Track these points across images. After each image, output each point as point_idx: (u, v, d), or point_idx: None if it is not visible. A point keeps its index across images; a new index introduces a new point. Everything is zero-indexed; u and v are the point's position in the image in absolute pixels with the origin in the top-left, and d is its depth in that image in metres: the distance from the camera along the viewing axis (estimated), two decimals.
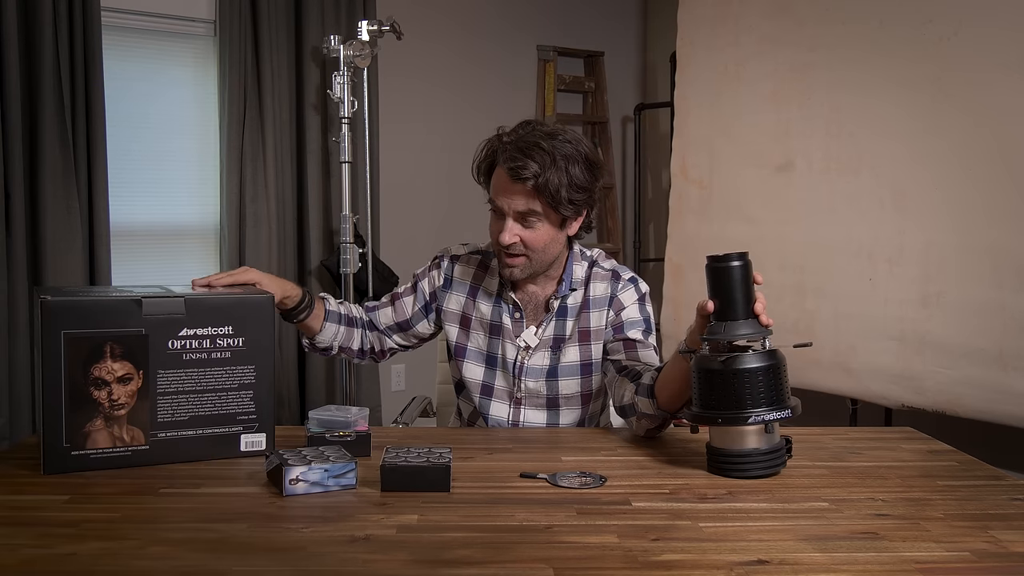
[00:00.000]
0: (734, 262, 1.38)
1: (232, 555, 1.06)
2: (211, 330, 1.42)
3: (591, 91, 4.63)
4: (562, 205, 1.64)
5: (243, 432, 1.45)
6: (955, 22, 2.60)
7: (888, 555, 1.07)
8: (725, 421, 1.36)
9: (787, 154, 3.08)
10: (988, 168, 2.53)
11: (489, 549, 1.08)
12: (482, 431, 1.77)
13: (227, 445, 1.44)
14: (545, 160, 1.61)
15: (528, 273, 1.73)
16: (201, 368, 1.42)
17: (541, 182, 1.61)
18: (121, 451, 1.39)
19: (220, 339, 1.43)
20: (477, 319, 1.82)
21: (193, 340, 1.41)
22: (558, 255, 1.75)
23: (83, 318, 1.35)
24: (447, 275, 1.87)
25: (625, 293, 1.77)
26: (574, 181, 1.64)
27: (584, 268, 1.80)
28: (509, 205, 1.66)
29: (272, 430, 1.47)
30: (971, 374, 2.56)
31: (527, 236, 1.67)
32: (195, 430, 1.43)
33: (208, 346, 1.42)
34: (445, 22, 4.18)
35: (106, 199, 3.11)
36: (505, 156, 1.65)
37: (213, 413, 1.43)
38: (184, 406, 1.42)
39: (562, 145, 1.64)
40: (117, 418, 1.38)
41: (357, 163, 3.65)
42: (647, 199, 4.65)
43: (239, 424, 1.45)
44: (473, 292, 1.84)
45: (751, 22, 3.21)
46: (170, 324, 1.39)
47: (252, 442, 1.46)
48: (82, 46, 3.03)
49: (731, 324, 1.38)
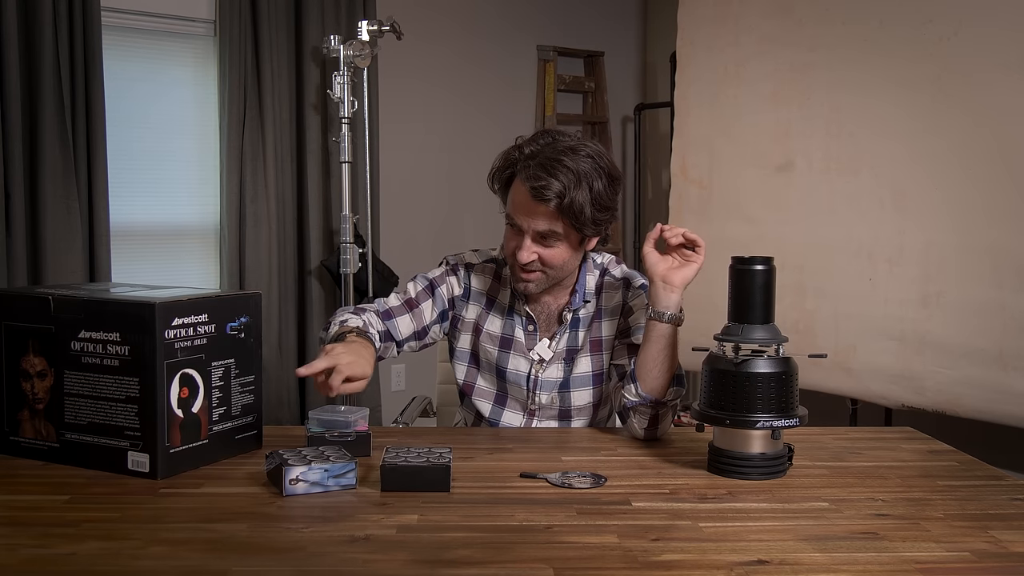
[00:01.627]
0: (758, 266, 1.39)
1: (232, 555, 1.06)
2: (103, 335, 1.35)
3: (591, 91, 4.63)
4: (586, 227, 1.59)
5: (129, 449, 1.34)
6: (955, 22, 2.60)
7: (888, 555, 1.07)
8: (733, 423, 1.36)
9: (787, 154, 3.08)
10: (988, 168, 2.53)
11: (489, 549, 1.08)
12: (482, 431, 1.77)
13: (118, 459, 1.35)
14: (569, 180, 1.54)
15: (543, 288, 1.70)
16: (96, 373, 1.36)
17: (565, 203, 1.55)
18: (40, 445, 1.41)
19: (110, 345, 1.34)
20: (488, 332, 1.77)
21: (89, 343, 1.36)
22: (574, 268, 1.72)
23: (15, 312, 1.42)
24: (465, 284, 1.80)
25: (636, 300, 1.73)
26: (598, 200, 1.57)
27: (596, 277, 1.76)
28: (530, 225, 1.60)
29: (157, 451, 1.32)
30: (971, 374, 2.56)
31: (546, 254, 1.62)
32: (93, 437, 1.37)
33: (101, 351, 1.35)
34: (445, 22, 4.17)
35: (106, 199, 3.11)
36: (527, 174, 1.57)
37: (106, 423, 1.36)
38: (84, 410, 1.38)
39: (585, 160, 1.57)
40: (38, 411, 1.41)
41: (357, 163, 3.66)
42: (647, 199, 4.64)
43: (126, 439, 1.34)
44: (489, 304, 1.79)
45: (751, 22, 3.21)
46: (74, 324, 1.37)
47: (137, 461, 1.34)
48: (82, 46, 3.03)
49: (748, 327, 1.38)
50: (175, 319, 1.34)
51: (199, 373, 1.38)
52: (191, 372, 1.37)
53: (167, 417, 1.33)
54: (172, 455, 1.35)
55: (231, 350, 1.44)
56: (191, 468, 1.38)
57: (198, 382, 1.38)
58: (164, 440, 1.33)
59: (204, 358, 1.39)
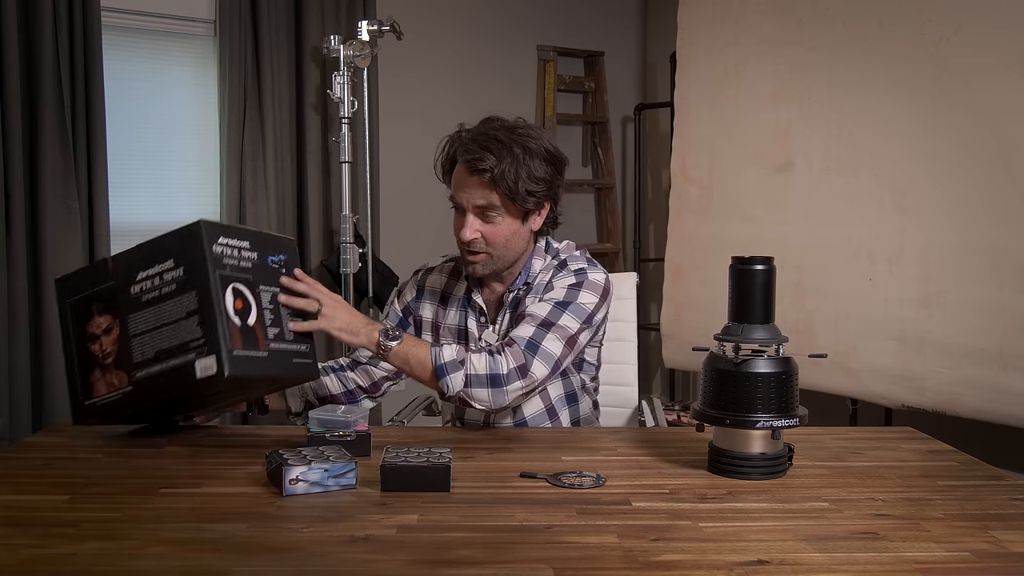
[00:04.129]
0: (758, 266, 1.40)
1: (232, 555, 1.06)
2: (158, 267, 1.46)
3: (591, 91, 4.63)
4: (520, 197, 1.64)
5: (196, 358, 1.42)
6: (955, 22, 2.60)
7: (888, 555, 1.07)
8: (733, 423, 1.36)
9: (787, 154, 3.08)
10: (988, 168, 2.53)
11: (489, 549, 1.08)
12: (482, 431, 1.77)
13: (186, 375, 1.43)
14: (502, 152, 1.61)
15: (491, 269, 1.72)
16: (156, 305, 1.46)
17: (498, 173, 1.61)
18: (115, 395, 1.50)
19: (165, 273, 1.46)
20: (446, 326, 1.82)
21: (147, 282, 1.47)
22: (523, 251, 1.74)
23: (76, 286, 1.55)
24: (419, 286, 1.89)
25: (560, 280, 1.72)
26: (532, 173, 1.63)
27: (544, 261, 1.78)
28: (468, 200, 1.66)
29: (221, 351, 1.40)
30: (971, 374, 2.56)
31: (487, 231, 1.67)
32: (161, 364, 1.45)
33: (158, 283, 1.46)
34: (445, 22, 4.17)
35: (106, 199, 3.10)
36: (463, 149, 1.65)
37: (172, 345, 1.44)
38: (149, 344, 1.46)
39: (521, 139, 1.64)
40: (108, 366, 1.50)
41: (357, 163, 3.65)
42: (647, 199, 4.64)
43: (192, 351, 1.43)
44: (444, 300, 1.85)
45: (751, 22, 3.21)
46: (130, 271, 1.49)
47: (204, 367, 1.42)
48: (82, 46, 3.03)
49: (748, 327, 1.39)
50: (220, 237, 1.45)
51: (249, 291, 1.48)
52: (241, 287, 1.47)
53: (226, 320, 1.42)
54: (236, 356, 1.42)
55: (275, 281, 1.54)
56: (255, 375, 1.45)
57: (250, 299, 1.47)
58: (227, 340, 1.41)
59: (252, 280, 1.49)
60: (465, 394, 1.59)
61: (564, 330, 1.65)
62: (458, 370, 1.58)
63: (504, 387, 1.58)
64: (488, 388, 1.58)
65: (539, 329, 1.63)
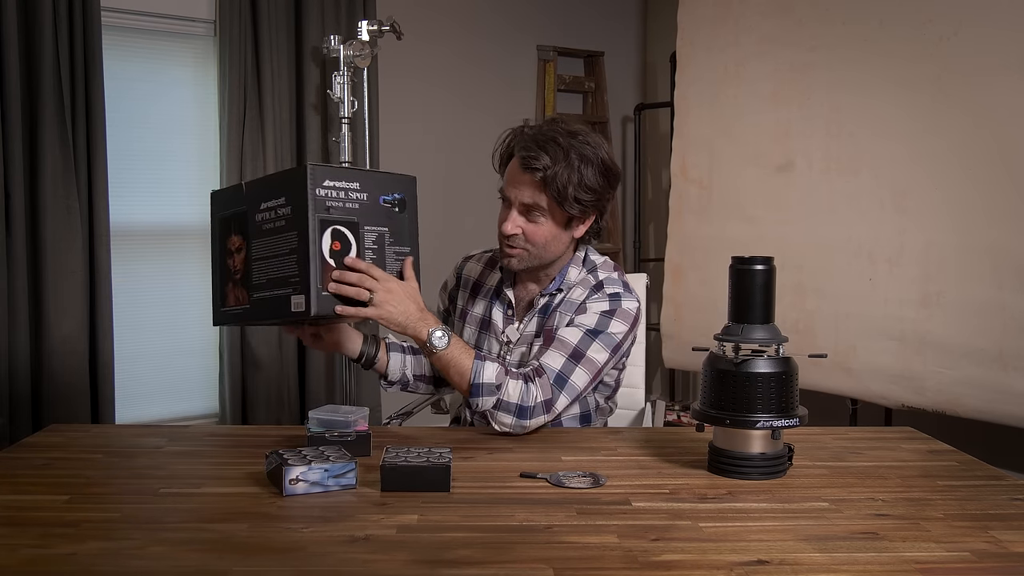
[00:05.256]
0: (758, 266, 1.40)
1: (232, 555, 1.06)
2: (274, 202, 1.54)
3: (591, 91, 4.63)
4: (567, 203, 1.64)
5: (291, 294, 1.51)
6: (955, 22, 2.60)
7: (888, 555, 1.07)
8: (733, 423, 1.36)
9: (787, 154, 3.08)
10: (988, 168, 2.53)
11: (489, 549, 1.08)
12: (482, 431, 1.77)
13: (284, 306, 1.52)
14: (558, 154, 1.62)
15: (526, 266, 1.73)
16: (271, 236, 1.55)
17: (549, 175, 1.62)
18: (239, 309, 1.61)
19: (279, 208, 1.53)
20: (472, 315, 1.86)
21: (267, 212, 1.55)
22: (560, 255, 1.75)
23: (222, 203, 1.66)
24: (459, 274, 1.94)
25: (595, 303, 1.72)
26: (584, 181, 1.64)
27: (580, 272, 1.79)
28: (516, 196, 1.67)
29: (311, 290, 1.49)
30: (971, 374, 2.56)
31: (529, 229, 1.68)
32: (270, 291, 1.55)
33: (273, 216, 1.54)
34: (445, 22, 4.17)
35: (106, 199, 3.10)
36: (521, 145, 1.67)
37: (278, 276, 1.53)
38: (263, 270, 1.56)
39: (580, 145, 1.64)
40: (237, 281, 1.61)
41: (357, 163, 3.65)
42: (647, 199, 4.64)
43: (290, 286, 1.51)
44: (476, 288, 1.88)
45: (751, 22, 3.21)
46: (257, 199, 1.57)
47: (296, 303, 1.50)
48: (82, 46, 3.03)
49: (748, 327, 1.39)
50: (326, 180, 1.50)
51: (351, 233, 1.54)
52: (343, 229, 1.52)
53: (319, 262, 1.49)
54: (323, 297, 1.49)
55: (385, 220, 1.60)
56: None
57: (350, 240, 1.54)
58: (317, 281, 1.48)
59: (357, 221, 1.55)
60: (490, 415, 1.63)
61: (592, 363, 1.67)
62: (493, 394, 1.61)
63: (528, 419, 1.62)
64: (514, 416, 1.61)
65: (568, 362, 1.66)
